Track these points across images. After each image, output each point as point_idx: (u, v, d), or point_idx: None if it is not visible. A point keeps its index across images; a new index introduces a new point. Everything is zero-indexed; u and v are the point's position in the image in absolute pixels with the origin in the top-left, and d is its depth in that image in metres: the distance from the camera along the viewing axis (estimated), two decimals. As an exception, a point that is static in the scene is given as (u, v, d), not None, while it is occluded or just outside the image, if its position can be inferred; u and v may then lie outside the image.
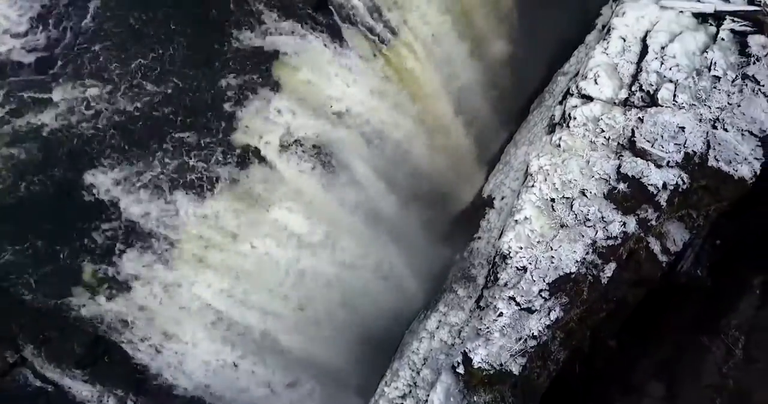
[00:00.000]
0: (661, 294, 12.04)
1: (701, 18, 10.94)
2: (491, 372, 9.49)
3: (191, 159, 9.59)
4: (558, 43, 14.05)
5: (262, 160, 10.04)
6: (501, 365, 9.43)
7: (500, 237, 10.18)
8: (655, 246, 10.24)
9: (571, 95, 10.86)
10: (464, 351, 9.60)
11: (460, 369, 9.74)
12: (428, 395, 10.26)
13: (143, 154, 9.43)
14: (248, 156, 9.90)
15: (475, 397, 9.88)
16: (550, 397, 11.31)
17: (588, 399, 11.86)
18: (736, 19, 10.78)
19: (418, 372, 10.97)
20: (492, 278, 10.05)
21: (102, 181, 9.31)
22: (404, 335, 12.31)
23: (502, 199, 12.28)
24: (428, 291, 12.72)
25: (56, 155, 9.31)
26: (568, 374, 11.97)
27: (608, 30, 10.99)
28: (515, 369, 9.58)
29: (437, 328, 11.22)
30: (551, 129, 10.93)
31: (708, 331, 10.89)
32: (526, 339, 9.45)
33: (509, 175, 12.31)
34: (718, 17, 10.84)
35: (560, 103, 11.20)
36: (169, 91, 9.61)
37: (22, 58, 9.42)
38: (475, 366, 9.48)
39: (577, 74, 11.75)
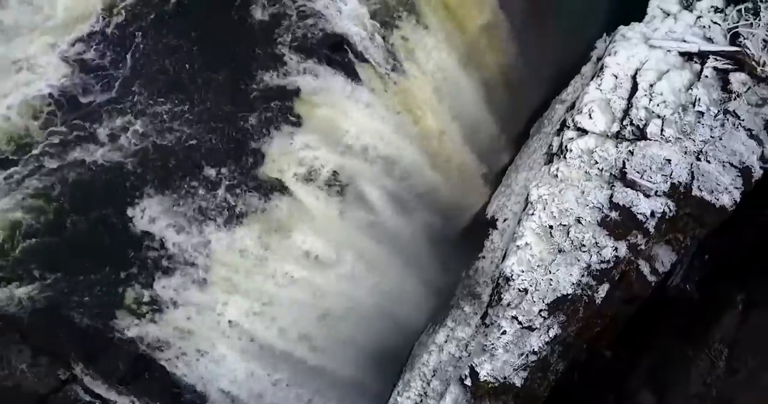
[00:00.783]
0: (654, 307, 13.04)
1: (687, 56, 11.87)
2: (496, 384, 10.44)
3: (222, 191, 10.55)
4: (556, 71, 15.02)
5: (286, 191, 10.98)
6: (505, 378, 10.38)
7: (503, 260, 11.11)
8: (645, 268, 11.18)
9: (568, 128, 11.77)
10: (471, 365, 10.54)
11: (468, 381, 10.68)
12: (438, 404, 11.24)
13: (179, 188, 10.38)
14: (273, 188, 10.85)
15: (481, 406, 10.85)
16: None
17: (584, 406, 12.82)
18: (718, 57, 11.74)
19: (428, 383, 11.90)
20: (496, 298, 10.97)
21: (141, 212, 10.26)
22: (414, 347, 13.29)
23: (504, 220, 13.19)
24: (436, 304, 13.70)
25: (100, 188, 10.26)
26: (566, 381, 12.98)
27: (602, 67, 11.87)
28: (518, 382, 10.54)
29: (445, 342, 12.14)
30: (549, 159, 11.84)
31: (694, 344, 11.81)
32: (527, 355, 10.41)
33: (511, 199, 13.22)
34: (702, 56, 11.76)
35: (557, 134, 12.12)
36: (201, 129, 10.56)
37: (73, 95, 10.36)
38: (482, 379, 10.44)
39: (573, 105, 12.67)
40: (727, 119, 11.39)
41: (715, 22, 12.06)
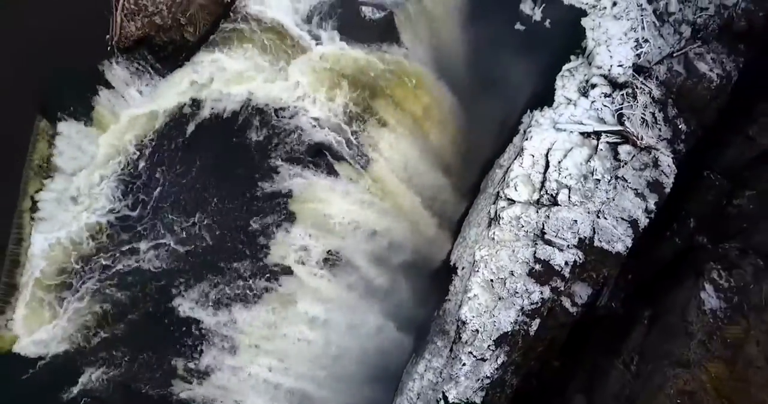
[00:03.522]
0: (588, 324, 16.43)
1: (586, 134, 15.30)
2: (462, 403, 13.85)
3: (241, 280, 13.82)
4: (496, 137, 18.33)
5: (289, 272, 14.28)
6: (467, 398, 13.80)
7: (460, 307, 14.48)
8: (567, 302, 14.62)
9: (500, 198, 15.17)
10: (443, 391, 13.95)
11: (442, 403, 14.07)
12: (422, 422, 14.63)
13: (208, 281, 13.62)
14: (279, 271, 14.18)
15: (454, 420, 14.25)
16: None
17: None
18: (609, 134, 15.16)
19: (414, 404, 15.30)
20: (457, 337, 14.37)
21: (181, 302, 13.50)
22: (402, 375, 16.62)
23: (463, 268, 16.55)
24: (415, 339, 17.05)
25: (148, 287, 13.47)
26: (527, 387, 16.36)
27: (522, 149, 15.26)
28: (478, 400, 13.97)
29: (425, 371, 15.54)
30: (489, 223, 15.22)
31: (613, 354, 15.29)
32: (482, 379, 13.85)
33: (466, 251, 16.56)
34: (597, 134, 15.21)
35: (494, 202, 15.47)
36: (220, 234, 13.84)
37: (117, 219, 13.51)
38: (451, 401, 13.87)
39: (506, 174, 16.01)
40: (618, 183, 14.89)
41: (606, 106, 15.51)
